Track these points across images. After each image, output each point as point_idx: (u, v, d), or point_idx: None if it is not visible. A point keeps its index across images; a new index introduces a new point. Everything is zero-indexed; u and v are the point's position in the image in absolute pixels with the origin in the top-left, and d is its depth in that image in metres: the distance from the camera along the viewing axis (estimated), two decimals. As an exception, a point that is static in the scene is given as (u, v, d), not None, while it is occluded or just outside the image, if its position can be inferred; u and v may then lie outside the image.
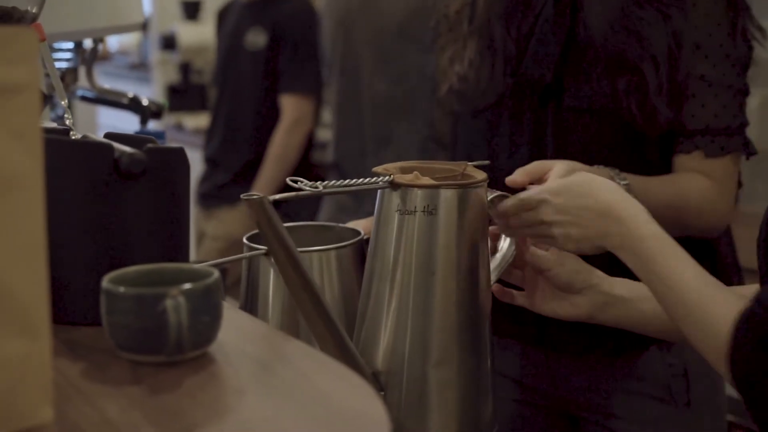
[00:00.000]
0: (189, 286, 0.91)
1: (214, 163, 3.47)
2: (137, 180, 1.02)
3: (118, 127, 1.27)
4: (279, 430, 0.82)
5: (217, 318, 0.94)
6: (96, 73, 1.92)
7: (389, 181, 1.10)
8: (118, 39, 5.92)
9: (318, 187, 1.07)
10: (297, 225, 1.33)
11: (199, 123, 4.34)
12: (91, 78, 1.89)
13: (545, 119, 1.35)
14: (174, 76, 4.89)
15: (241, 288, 1.28)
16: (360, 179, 1.10)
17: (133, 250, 1.03)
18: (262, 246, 1.23)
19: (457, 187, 1.10)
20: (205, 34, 4.64)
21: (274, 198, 1.03)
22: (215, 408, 0.85)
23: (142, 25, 1.88)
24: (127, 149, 1.02)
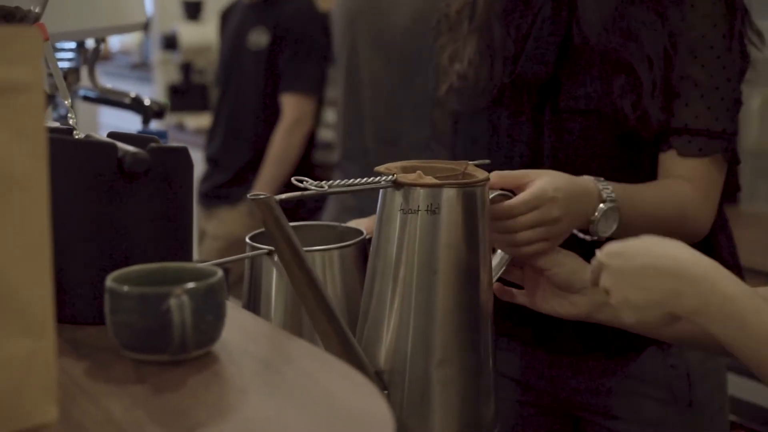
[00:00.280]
0: (193, 285, 0.91)
1: (215, 162, 3.47)
2: (141, 179, 1.03)
3: (119, 126, 1.27)
4: (282, 429, 0.82)
5: (220, 317, 0.94)
6: (98, 73, 1.93)
7: (393, 180, 1.10)
8: (120, 39, 5.92)
9: (323, 186, 1.08)
10: (299, 225, 1.33)
11: (200, 123, 4.34)
12: (94, 78, 1.89)
13: (542, 119, 1.35)
14: (175, 76, 4.89)
15: (244, 287, 1.28)
16: (364, 179, 1.11)
17: (137, 249, 1.03)
18: (264, 246, 1.23)
19: (460, 186, 1.10)
20: (206, 34, 4.64)
21: (281, 198, 1.04)
22: (219, 407, 0.85)
23: (144, 25, 1.88)
24: (130, 149, 1.02)
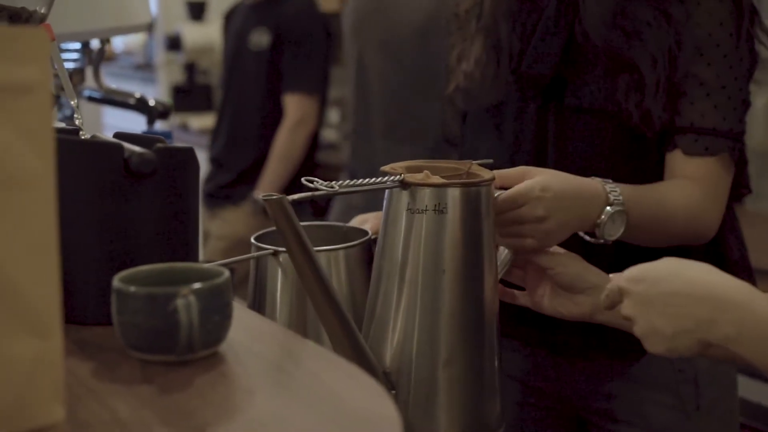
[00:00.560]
0: (199, 285, 0.91)
1: (218, 163, 3.47)
2: (147, 180, 1.03)
3: (123, 127, 1.27)
4: (289, 429, 0.82)
5: (227, 317, 0.94)
6: (102, 74, 1.93)
7: (400, 180, 1.10)
8: (123, 39, 5.92)
9: (334, 186, 1.08)
10: (304, 225, 1.33)
11: (204, 123, 4.34)
12: (98, 78, 1.89)
13: (547, 118, 1.35)
14: (179, 77, 4.89)
15: (249, 288, 1.28)
16: (372, 179, 1.11)
17: (144, 249, 1.04)
18: (269, 246, 1.23)
19: (467, 186, 1.10)
20: (210, 34, 4.64)
21: (293, 198, 1.04)
22: (225, 407, 0.85)
23: (149, 25, 1.88)
24: (137, 149, 1.02)
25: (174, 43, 4.76)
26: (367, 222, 1.38)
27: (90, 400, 0.85)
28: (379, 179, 1.11)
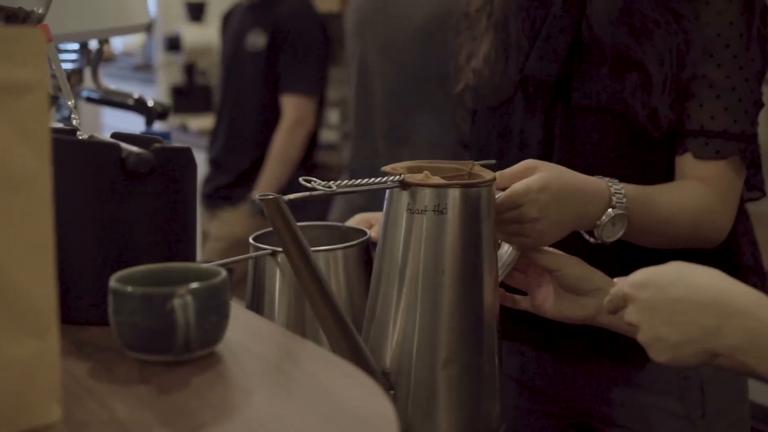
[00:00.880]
0: (196, 285, 0.91)
1: (217, 164, 3.48)
2: (144, 180, 1.03)
3: (122, 128, 1.27)
4: (287, 428, 0.82)
5: (224, 317, 0.94)
6: (101, 75, 1.93)
7: (400, 180, 1.10)
8: (123, 40, 5.93)
9: (331, 186, 1.08)
10: (303, 225, 1.33)
11: (203, 124, 4.34)
12: (97, 79, 1.89)
13: (554, 118, 1.33)
14: (178, 78, 4.89)
15: (248, 288, 1.28)
16: (372, 179, 1.10)
17: (141, 249, 1.04)
18: (267, 246, 1.23)
19: (467, 187, 1.10)
20: (209, 35, 4.64)
21: (289, 198, 1.04)
22: (223, 407, 0.85)
23: (147, 26, 1.88)
24: (134, 149, 1.02)
25: (173, 44, 4.76)
26: (373, 225, 1.37)
27: (88, 400, 0.85)
28: (378, 179, 1.11)
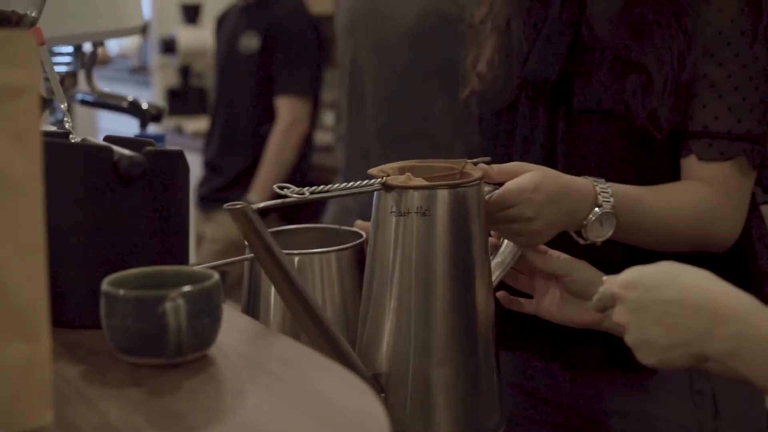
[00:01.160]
0: (188, 288, 0.91)
1: (212, 167, 3.48)
2: (137, 183, 1.03)
3: (118, 130, 1.27)
4: (279, 430, 0.82)
5: (216, 320, 0.94)
6: (96, 77, 1.92)
7: (382, 183, 1.10)
8: (119, 43, 5.93)
9: (304, 193, 1.07)
10: (298, 228, 1.33)
11: (198, 126, 4.34)
12: (91, 82, 1.89)
13: (557, 122, 1.32)
14: (174, 80, 4.90)
15: (243, 290, 1.28)
16: (351, 183, 1.10)
17: (133, 252, 1.03)
18: None
19: (450, 187, 1.09)
20: (204, 37, 4.64)
21: (258, 206, 1.03)
22: (216, 410, 0.85)
23: (142, 28, 1.87)
24: (126, 152, 1.02)
25: (168, 47, 4.76)
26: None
27: (79, 403, 0.85)
28: (358, 183, 1.10)
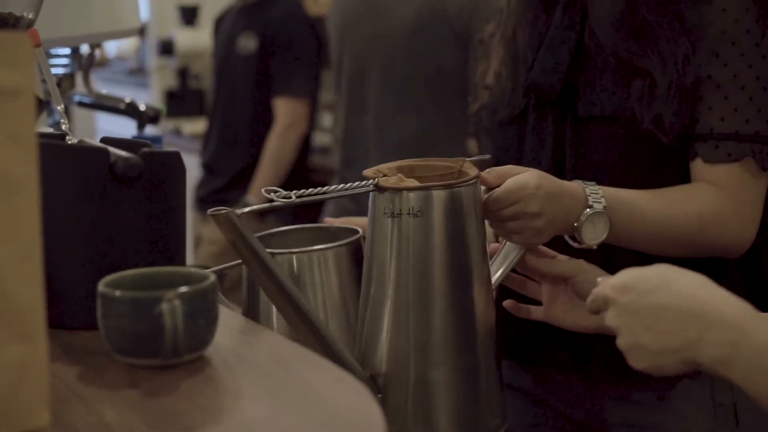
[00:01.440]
0: (185, 289, 0.91)
1: (210, 168, 3.48)
2: (133, 184, 1.03)
3: (116, 132, 1.27)
4: (276, 431, 0.82)
5: (213, 321, 0.94)
6: (94, 79, 1.93)
7: (374, 184, 1.10)
8: (117, 45, 5.93)
9: (291, 197, 1.06)
10: (293, 228, 1.33)
11: (196, 128, 4.34)
12: (88, 83, 1.89)
13: (564, 130, 1.30)
14: (172, 82, 4.89)
15: (243, 292, 1.28)
16: (343, 185, 1.09)
17: (129, 253, 1.04)
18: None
19: (444, 188, 1.09)
20: (202, 39, 4.64)
21: (243, 211, 1.03)
22: (212, 410, 0.85)
23: (140, 30, 1.88)
24: (122, 154, 1.02)
25: (167, 48, 4.76)
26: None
27: (76, 404, 0.85)
28: (349, 185, 1.09)
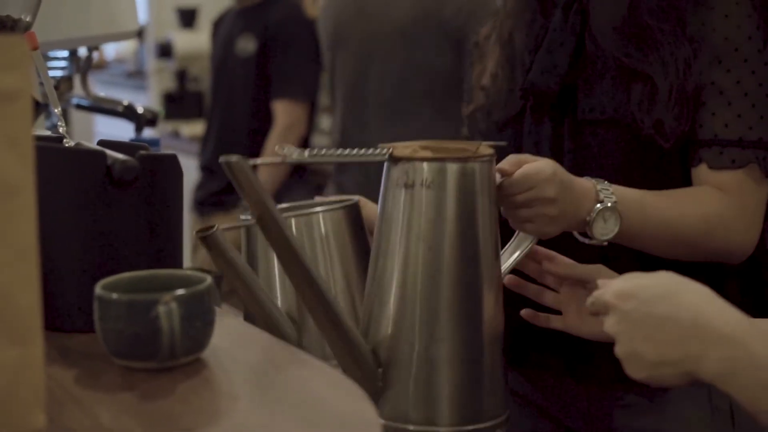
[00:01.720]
0: (181, 291, 0.91)
1: (209, 171, 3.47)
2: (130, 187, 1.03)
3: (114, 135, 1.27)
4: (272, 434, 0.82)
5: (209, 324, 0.94)
6: (93, 82, 1.93)
7: (389, 153, 1.09)
8: (115, 47, 5.93)
9: (304, 154, 1.06)
10: (289, 206, 1.32)
11: (195, 130, 4.34)
12: (86, 86, 1.90)
13: (562, 133, 1.30)
14: (170, 84, 4.89)
15: (242, 249, 1.26)
16: (357, 150, 1.09)
17: (126, 256, 1.04)
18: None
19: (459, 161, 1.09)
20: (200, 41, 4.64)
21: (256, 162, 1.03)
22: (208, 413, 0.86)
23: (138, 33, 1.88)
24: (119, 156, 1.02)
25: (165, 51, 4.76)
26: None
27: (72, 407, 0.85)
28: (363, 151, 1.09)
